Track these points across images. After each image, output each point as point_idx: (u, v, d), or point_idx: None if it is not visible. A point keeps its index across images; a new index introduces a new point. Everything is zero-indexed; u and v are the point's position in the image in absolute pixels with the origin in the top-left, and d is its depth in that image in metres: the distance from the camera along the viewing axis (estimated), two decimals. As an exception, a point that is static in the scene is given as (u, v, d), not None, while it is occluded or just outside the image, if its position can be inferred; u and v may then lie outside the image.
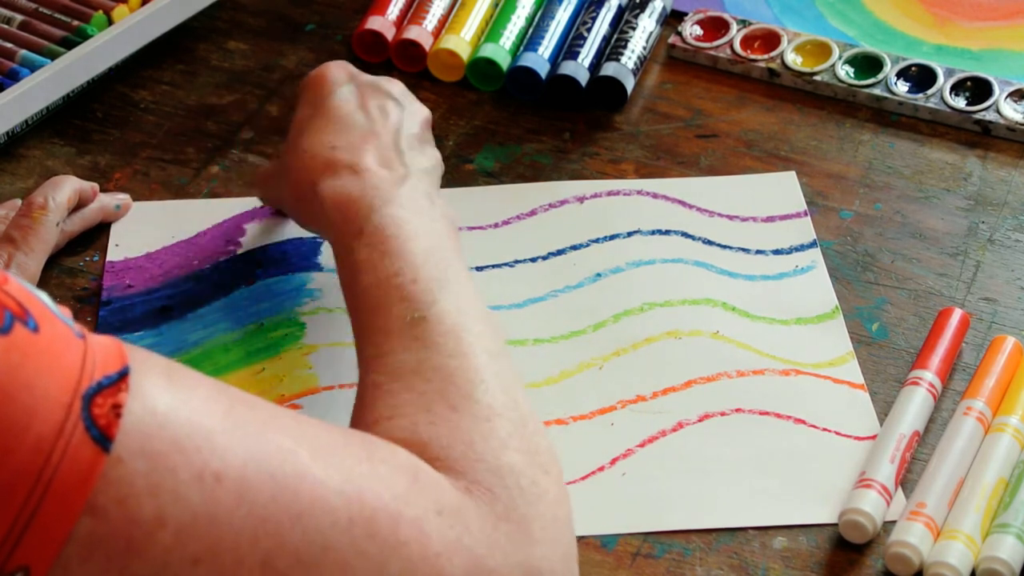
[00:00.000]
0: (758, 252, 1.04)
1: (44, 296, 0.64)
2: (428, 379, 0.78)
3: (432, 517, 0.69)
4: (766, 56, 1.18)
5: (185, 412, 0.64)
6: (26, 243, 0.98)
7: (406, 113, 0.96)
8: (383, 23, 1.19)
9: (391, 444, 0.72)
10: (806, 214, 1.06)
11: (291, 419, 0.69)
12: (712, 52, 1.18)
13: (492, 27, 1.18)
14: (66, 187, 1.02)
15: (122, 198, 1.06)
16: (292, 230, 1.05)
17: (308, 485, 0.66)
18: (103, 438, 0.61)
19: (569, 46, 1.16)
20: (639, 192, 1.08)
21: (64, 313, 0.64)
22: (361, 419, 0.77)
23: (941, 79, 1.14)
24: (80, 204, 1.03)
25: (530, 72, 1.15)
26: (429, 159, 0.95)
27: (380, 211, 0.87)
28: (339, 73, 0.97)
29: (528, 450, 0.76)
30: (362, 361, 0.82)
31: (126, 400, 0.62)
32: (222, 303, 1.01)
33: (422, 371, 0.78)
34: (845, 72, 1.16)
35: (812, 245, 1.04)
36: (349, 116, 0.94)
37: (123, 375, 0.63)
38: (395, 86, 0.98)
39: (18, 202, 1.02)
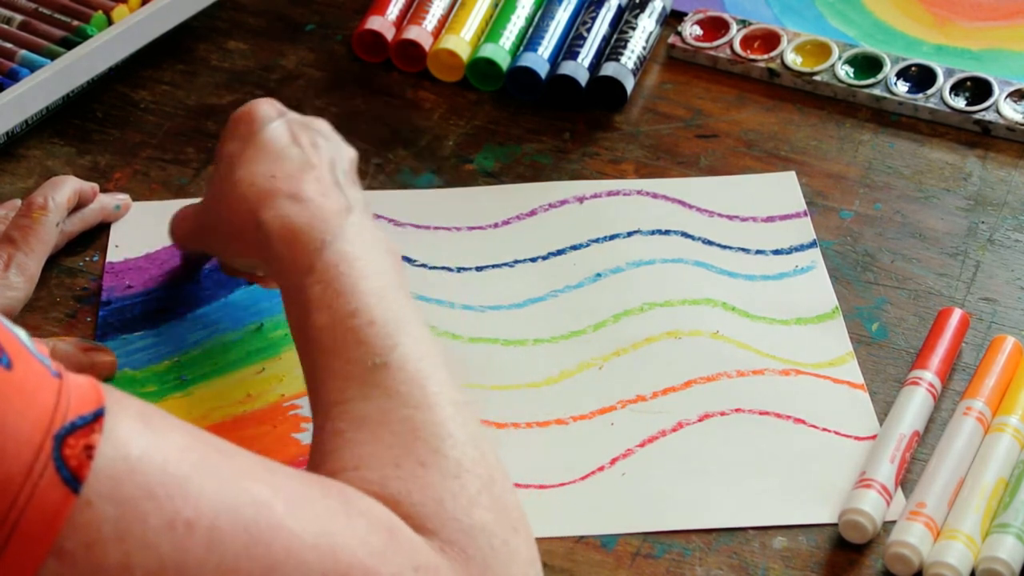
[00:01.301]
0: (758, 252, 1.04)
1: (21, 333, 0.63)
2: (394, 431, 0.75)
3: (408, 575, 0.68)
4: (766, 56, 1.18)
5: (159, 457, 0.63)
6: (26, 243, 0.98)
7: (335, 149, 0.93)
8: (383, 23, 1.19)
9: (368, 497, 0.71)
10: (806, 214, 1.06)
11: (267, 468, 0.68)
12: (712, 52, 1.18)
13: (492, 27, 1.18)
14: (66, 187, 1.02)
15: (122, 198, 1.06)
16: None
17: (282, 538, 0.65)
18: (73, 479, 0.60)
19: (569, 46, 1.16)
20: (639, 192, 1.08)
21: (41, 351, 0.63)
22: (322, 466, 0.75)
23: (941, 79, 1.14)
24: (80, 204, 1.03)
25: (530, 72, 1.15)
26: (361, 195, 0.92)
27: (330, 246, 0.84)
28: (268, 110, 0.93)
29: (498, 508, 0.74)
30: (318, 406, 0.79)
31: (99, 442, 0.61)
32: (222, 303, 1.01)
33: (387, 422, 0.75)
34: (845, 72, 1.16)
35: (812, 245, 1.04)
36: (284, 149, 0.90)
37: (98, 416, 0.62)
38: (323, 125, 0.94)
39: (18, 202, 1.02)
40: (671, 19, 1.22)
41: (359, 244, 0.85)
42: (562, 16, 1.18)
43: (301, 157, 0.89)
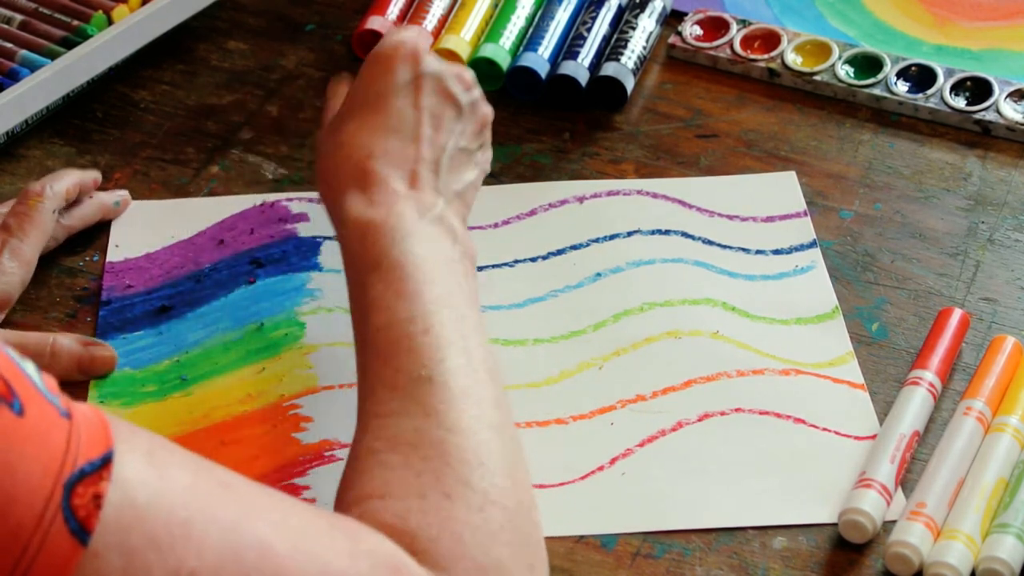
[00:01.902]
0: (758, 252, 1.04)
1: (30, 368, 0.63)
2: (426, 456, 0.74)
3: None
4: (766, 56, 1.18)
5: (165, 504, 0.63)
6: (21, 229, 0.98)
7: (463, 120, 0.92)
8: (383, 23, 1.19)
9: (377, 534, 0.70)
10: (806, 214, 1.06)
11: (274, 504, 0.67)
12: (712, 52, 1.18)
13: (492, 27, 1.18)
14: (66, 178, 1.02)
15: (121, 195, 1.06)
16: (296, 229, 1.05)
17: None
18: (82, 531, 0.60)
19: (569, 46, 1.16)
20: (639, 192, 1.08)
21: (49, 386, 0.63)
22: (352, 487, 0.74)
23: (941, 79, 1.14)
24: (81, 195, 1.03)
25: (530, 72, 1.15)
26: (470, 173, 0.92)
27: (400, 245, 0.83)
28: (404, 59, 0.91)
29: (517, 543, 0.73)
30: (362, 414, 0.78)
31: (107, 490, 0.61)
32: (222, 303, 1.01)
33: (420, 445, 0.75)
34: (845, 72, 1.16)
35: (812, 245, 1.04)
36: (398, 118, 0.89)
37: (106, 461, 0.62)
38: (460, 84, 0.92)
39: None
40: (671, 19, 1.22)
41: (431, 246, 0.84)
42: (562, 16, 1.18)
43: (411, 136, 0.89)
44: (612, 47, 1.16)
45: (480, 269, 1.03)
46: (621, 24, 1.18)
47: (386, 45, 0.92)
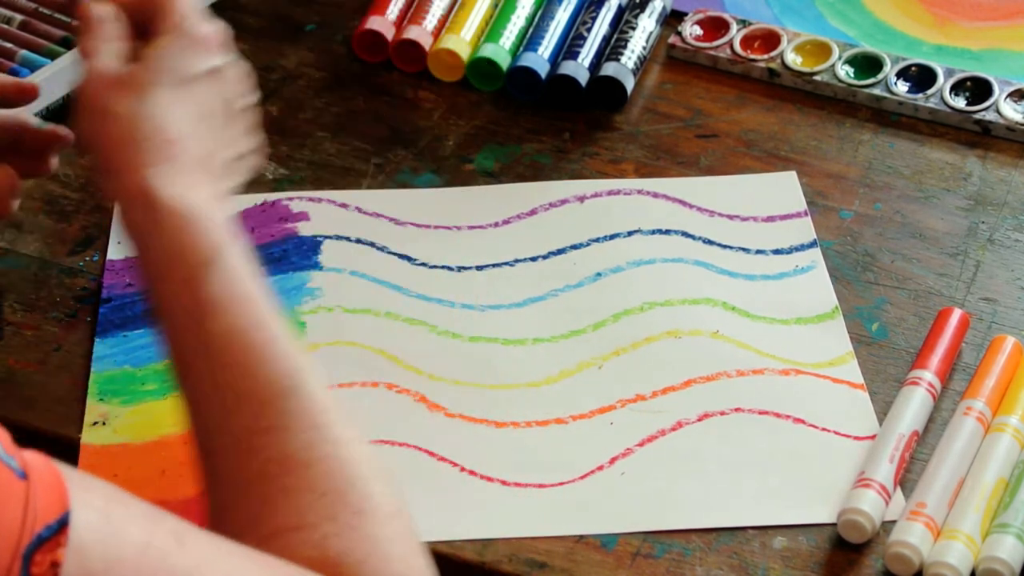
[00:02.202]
0: (758, 252, 1.04)
1: None
2: (322, 473, 0.71)
3: None
4: (766, 56, 1.18)
5: (122, 568, 0.61)
6: None
7: (240, 118, 0.84)
8: (383, 23, 1.19)
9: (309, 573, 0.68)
10: (806, 214, 1.06)
11: (224, 556, 0.66)
12: (712, 52, 1.18)
13: (492, 27, 1.18)
14: None
15: (66, 132, 0.93)
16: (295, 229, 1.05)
17: None
18: None
19: (569, 46, 1.16)
20: (639, 192, 1.08)
21: (4, 445, 0.61)
22: (262, 521, 0.70)
23: (941, 79, 1.14)
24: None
25: (530, 72, 1.15)
26: (240, 174, 0.83)
27: (233, 244, 0.75)
28: (223, 49, 0.83)
29: (420, 548, 0.72)
30: (235, 430, 0.72)
31: (63, 557, 0.60)
32: (222, 302, 1.00)
33: (313, 463, 0.71)
34: (845, 72, 1.16)
35: (812, 245, 1.04)
36: (208, 104, 0.81)
37: (63, 524, 0.60)
38: (217, 53, 0.83)
39: None
40: (671, 19, 1.22)
41: (242, 249, 0.77)
42: (562, 16, 1.18)
43: (216, 126, 0.81)
44: (612, 47, 1.16)
45: (480, 269, 1.03)
46: (621, 24, 1.18)
47: (200, 27, 0.82)
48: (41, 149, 0.93)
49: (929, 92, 1.14)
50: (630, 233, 1.05)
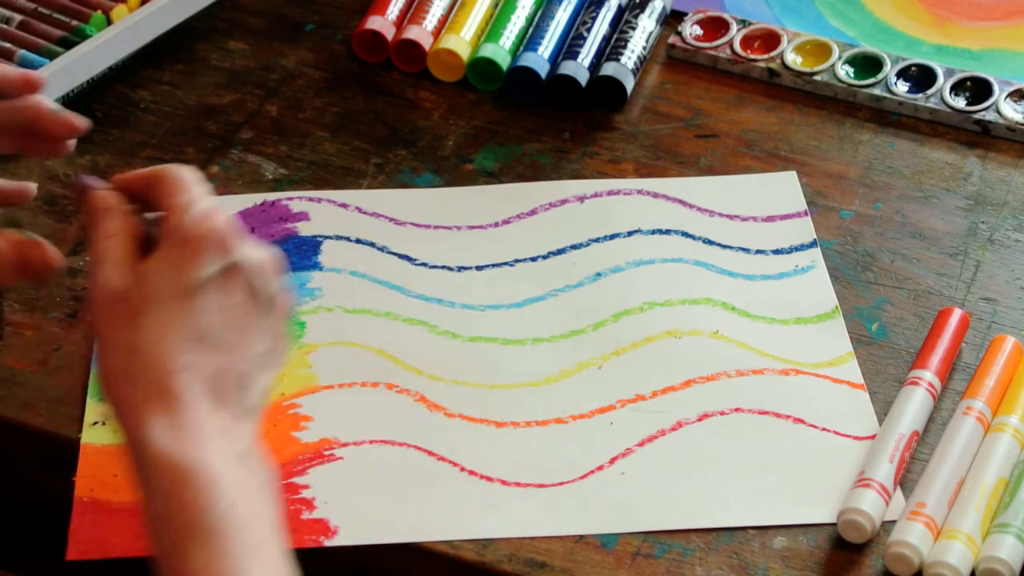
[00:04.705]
0: (758, 252, 1.04)
1: None
2: None
3: None
4: (766, 56, 1.18)
5: None
6: None
7: (267, 318, 0.78)
8: (383, 23, 1.19)
9: None
10: (806, 214, 1.06)
11: None
12: (712, 52, 1.18)
13: (492, 27, 1.18)
14: None
15: (81, 122, 0.88)
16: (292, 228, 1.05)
17: None
18: None
19: (569, 46, 1.16)
20: (639, 192, 1.08)
21: None
22: None
23: (941, 79, 1.14)
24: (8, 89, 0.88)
25: (530, 72, 1.15)
26: (268, 375, 0.79)
27: (218, 505, 0.72)
28: (217, 250, 0.76)
29: None
30: None
31: None
32: (222, 302, 1.00)
33: None
34: (845, 72, 1.16)
35: (812, 245, 1.04)
36: (206, 320, 0.76)
37: None
38: (266, 273, 0.78)
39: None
40: (671, 19, 1.22)
41: (245, 494, 0.74)
42: (562, 16, 1.18)
43: (217, 346, 0.76)
44: (612, 47, 1.16)
45: (480, 269, 1.03)
46: (621, 24, 1.18)
47: (196, 227, 0.76)
48: (56, 134, 0.88)
49: (929, 92, 1.14)
50: (630, 233, 1.05)
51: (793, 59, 1.17)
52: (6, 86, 0.86)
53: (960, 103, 1.13)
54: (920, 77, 1.15)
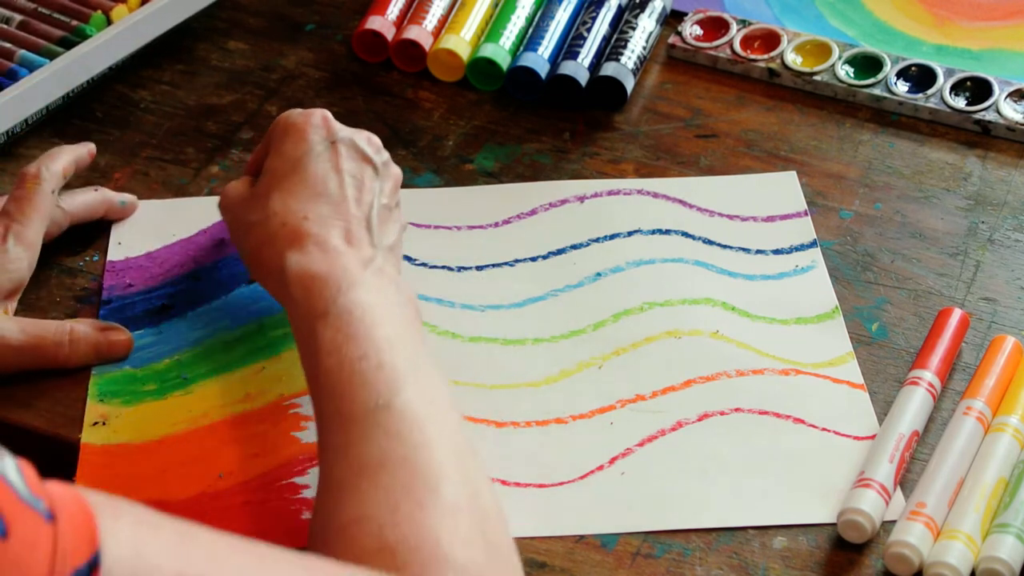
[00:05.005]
0: (758, 252, 1.04)
1: (10, 470, 0.61)
2: (393, 473, 0.76)
3: None
4: (766, 56, 1.18)
5: None
6: (21, 212, 0.98)
7: (380, 179, 0.94)
8: (383, 23, 1.19)
9: (353, 568, 0.71)
10: (806, 214, 1.06)
11: (257, 561, 0.68)
12: (712, 52, 1.18)
13: (492, 27, 1.18)
14: (61, 157, 1.01)
15: (128, 197, 1.06)
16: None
17: None
18: None
19: (569, 46, 1.16)
20: (639, 192, 1.08)
21: (31, 485, 0.61)
22: (330, 521, 0.76)
23: (941, 79, 1.14)
24: (79, 170, 1.03)
25: (530, 72, 1.15)
26: (395, 230, 0.93)
27: (346, 294, 0.84)
28: (317, 129, 0.94)
29: (491, 548, 0.75)
30: (323, 451, 0.80)
31: None
32: (222, 302, 1.01)
33: (386, 463, 0.76)
34: (845, 72, 1.16)
35: (812, 245, 1.04)
36: (323, 182, 0.91)
37: (94, 566, 0.61)
38: (371, 146, 0.95)
39: None
40: (671, 19, 1.22)
41: (376, 293, 0.85)
42: (562, 16, 1.18)
43: (337, 195, 0.91)
44: (612, 47, 1.16)
45: (480, 269, 1.03)
46: (621, 24, 1.18)
47: (294, 115, 0.95)
48: (122, 217, 1.06)
49: (929, 92, 1.14)
50: (630, 233, 1.05)
51: (793, 59, 1.17)
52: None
53: (960, 103, 1.13)
54: (920, 77, 1.15)
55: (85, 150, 1.04)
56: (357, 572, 0.71)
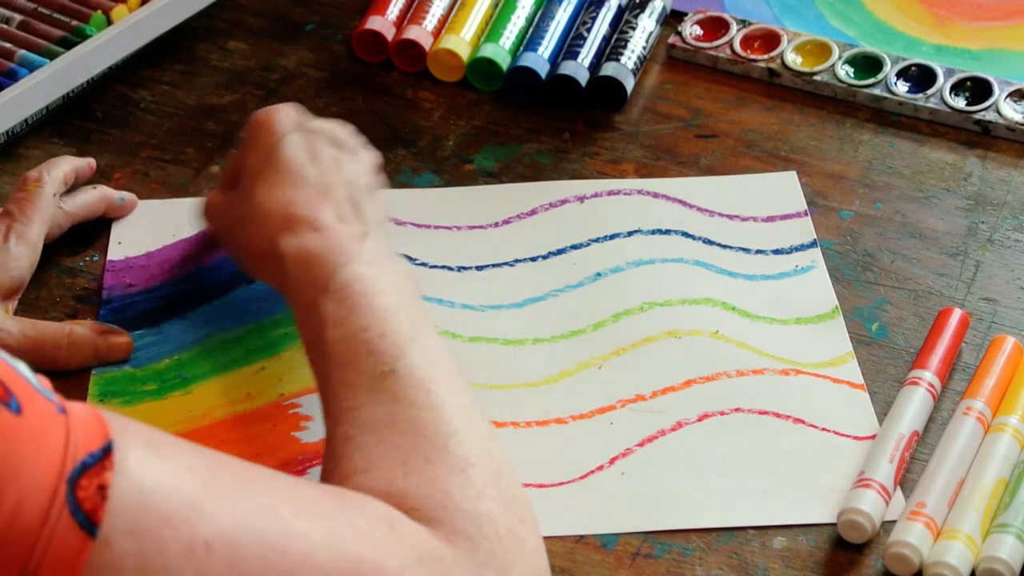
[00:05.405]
0: (758, 252, 1.04)
1: (23, 367, 0.63)
2: (401, 432, 0.77)
3: (413, 566, 0.69)
4: (766, 56, 1.18)
5: (172, 483, 0.63)
6: (23, 213, 0.99)
7: (357, 162, 0.94)
8: (383, 23, 1.19)
9: (363, 496, 0.72)
10: (806, 214, 1.06)
11: (267, 477, 0.69)
12: (712, 52, 1.18)
13: (492, 27, 1.18)
14: (62, 163, 1.02)
15: (127, 195, 1.06)
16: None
17: (295, 542, 0.66)
18: (89, 523, 0.60)
19: (569, 46, 1.16)
20: (639, 192, 1.08)
21: (43, 384, 0.63)
22: (334, 472, 0.77)
23: (941, 79, 1.14)
24: (78, 180, 1.04)
25: (530, 72, 1.15)
26: (380, 210, 0.94)
27: (345, 268, 0.85)
28: (286, 119, 0.94)
29: (504, 499, 0.75)
30: (330, 414, 0.81)
31: (111, 479, 0.61)
32: (222, 302, 1.01)
33: (394, 423, 0.77)
34: (845, 72, 1.16)
35: (812, 245, 1.04)
36: (301, 170, 0.91)
37: (107, 451, 0.62)
38: (342, 132, 0.96)
39: None
40: (671, 19, 1.22)
41: (374, 265, 0.86)
42: (562, 16, 1.18)
43: (319, 179, 0.91)
44: (612, 47, 1.16)
45: (480, 269, 1.03)
46: (621, 24, 1.18)
47: (259, 112, 0.95)
48: (122, 214, 1.07)
49: (929, 92, 1.14)
50: (630, 233, 1.05)
51: (793, 59, 1.17)
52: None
53: (960, 103, 1.13)
54: (920, 77, 1.15)
55: (85, 163, 1.05)
56: (367, 502, 0.71)
